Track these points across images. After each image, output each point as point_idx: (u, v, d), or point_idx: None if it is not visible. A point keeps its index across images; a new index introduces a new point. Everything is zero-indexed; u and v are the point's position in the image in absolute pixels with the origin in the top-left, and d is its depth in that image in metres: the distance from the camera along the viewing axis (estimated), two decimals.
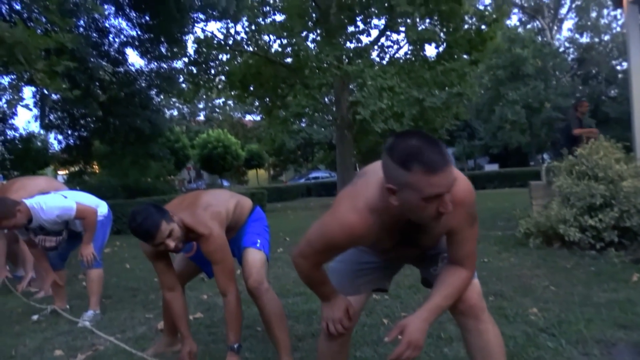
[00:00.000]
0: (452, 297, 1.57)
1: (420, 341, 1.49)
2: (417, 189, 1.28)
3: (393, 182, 1.33)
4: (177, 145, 25.10)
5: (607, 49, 36.21)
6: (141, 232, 2.14)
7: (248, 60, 17.41)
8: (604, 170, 4.63)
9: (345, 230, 1.46)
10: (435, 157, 1.26)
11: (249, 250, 2.50)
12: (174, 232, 2.19)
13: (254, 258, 2.47)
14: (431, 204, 1.30)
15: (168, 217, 2.19)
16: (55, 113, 12.29)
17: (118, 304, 4.20)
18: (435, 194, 1.28)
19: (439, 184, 1.27)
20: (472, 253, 1.58)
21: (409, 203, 1.32)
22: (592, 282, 3.67)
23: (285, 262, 5.81)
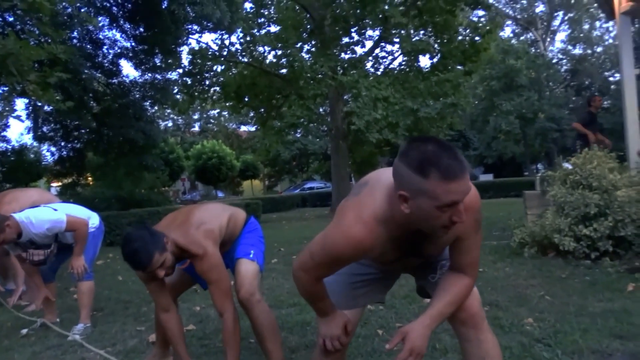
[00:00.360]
0: (454, 304, 1.53)
1: (423, 348, 1.46)
2: (433, 197, 1.24)
3: (406, 189, 1.27)
4: (172, 157, 25.04)
5: (600, 61, 36.57)
6: (133, 262, 2.13)
7: (243, 71, 17.47)
8: (598, 180, 4.63)
9: (351, 243, 1.40)
10: (453, 163, 1.23)
11: (241, 261, 2.46)
12: (166, 261, 2.17)
13: (246, 269, 2.44)
14: (445, 212, 1.26)
15: (162, 247, 2.15)
16: (48, 125, 12.23)
17: (109, 316, 4.14)
18: (451, 201, 1.24)
19: (456, 191, 1.23)
20: (475, 261, 1.56)
21: (422, 211, 1.28)
22: (588, 292, 3.65)
23: (280, 272, 5.76)
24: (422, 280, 1.78)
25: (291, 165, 35.38)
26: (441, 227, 1.31)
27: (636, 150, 6.25)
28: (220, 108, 20.73)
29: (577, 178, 4.80)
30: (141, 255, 2.09)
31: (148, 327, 3.63)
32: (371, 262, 1.75)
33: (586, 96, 36.17)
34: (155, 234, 2.18)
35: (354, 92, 14.31)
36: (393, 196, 1.35)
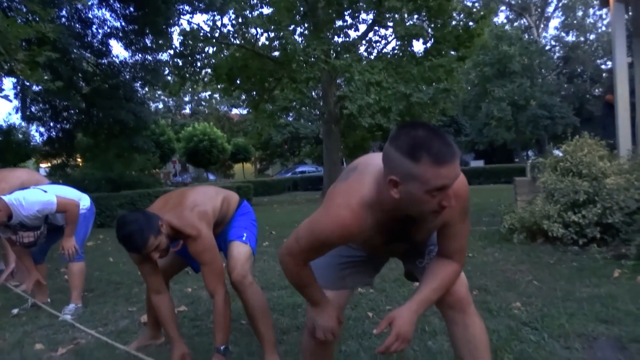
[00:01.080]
0: (441, 290, 1.56)
1: (409, 333, 1.48)
2: (424, 181, 1.24)
3: (397, 174, 1.28)
4: (163, 139, 24.84)
5: (593, 48, 36.65)
6: (128, 245, 2.15)
7: (235, 54, 17.29)
8: (588, 167, 4.68)
9: (337, 227, 1.41)
10: (443, 148, 1.24)
11: (234, 244, 2.47)
12: (160, 244, 2.18)
13: (239, 251, 2.45)
14: (435, 197, 1.27)
15: (157, 230, 2.16)
16: (36, 105, 12.06)
17: (100, 297, 4.15)
18: (441, 186, 1.25)
19: (447, 175, 1.24)
20: (462, 247, 1.58)
21: (412, 196, 1.28)
22: (575, 278, 3.71)
23: (271, 255, 5.78)
24: (410, 264, 1.80)
25: (283, 149, 35.29)
26: (431, 212, 1.33)
27: None
28: (211, 90, 20.55)
29: (567, 165, 4.84)
30: (136, 238, 2.10)
31: (139, 308, 3.65)
32: (358, 245, 1.76)
33: (578, 83, 36.42)
34: (150, 217, 2.18)
35: (346, 76, 14.24)
36: (382, 181, 1.35)
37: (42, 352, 2.89)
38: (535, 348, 2.31)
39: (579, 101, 33.41)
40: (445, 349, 2.42)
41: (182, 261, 2.71)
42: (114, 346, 2.86)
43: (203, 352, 2.66)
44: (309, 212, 6.79)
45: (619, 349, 2.26)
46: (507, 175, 21.82)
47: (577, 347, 2.29)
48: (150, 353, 2.69)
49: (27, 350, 2.95)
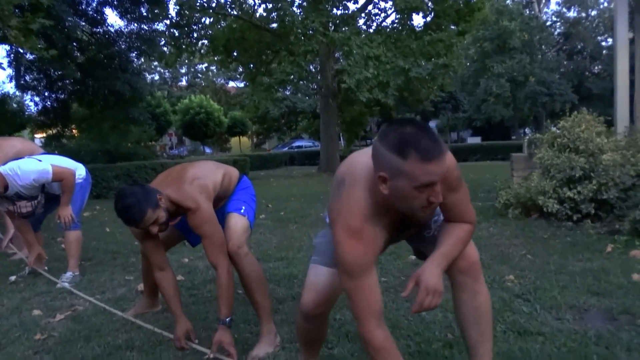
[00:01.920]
0: (458, 246, 1.55)
1: (439, 285, 1.45)
2: (412, 177, 1.28)
3: (386, 170, 1.32)
4: (159, 111, 24.63)
5: (594, 25, 36.25)
6: (126, 218, 2.13)
7: (232, 25, 17.05)
8: (585, 143, 4.68)
9: (358, 255, 1.42)
10: (431, 145, 1.27)
11: (232, 215, 2.47)
12: (159, 218, 2.16)
13: (235, 222, 2.44)
14: (423, 193, 1.31)
15: (155, 203, 2.14)
16: (31, 74, 11.88)
17: (98, 266, 4.18)
18: (428, 182, 1.29)
19: (434, 172, 1.28)
20: (467, 209, 1.58)
21: (401, 192, 1.32)
22: (568, 252, 3.75)
23: (267, 228, 5.82)
24: (417, 240, 1.79)
25: (280, 123, 35.10)
26: (419, 207, 1.36)
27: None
28: (208, 62, 20.28)
29: (564, 141, 4.84)
30: (134, 211, 2.09)
31: (136, 276, 3.68)
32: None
33: (577, 60, 36.13)
34: (149, 190, 2.18)
35: (345, 49, 14.08)
36: (373, 183, 1.39)
37: (40, 318, 2.92)
38: (527, 319, 2.34)
39: (578, 78, 33.23)
40: (439, 319, 2.46)
41: (179, 235, 2.69)
42: (111, 312, 2.90)
43: (200, 320, 2.70)
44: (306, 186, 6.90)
45: (609, 320, 2.30)
46: (504, 152, 21.84)
47: (569, 318, 2.33)
48: (147, 320, 2.73)
49: (25, 315, 2.98)
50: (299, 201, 8.57)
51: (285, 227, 5.81)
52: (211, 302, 3.03)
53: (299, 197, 9.12)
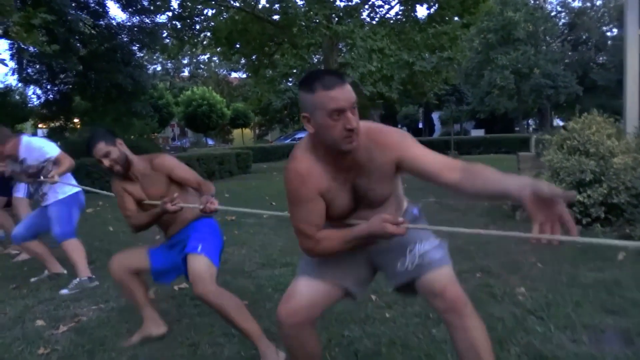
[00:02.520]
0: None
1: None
2: (322, 106, 1.46)
3: (306, 110, 1.52)
4: (161, 102, 24.52)
5: (599, 15, 35.87)
6: (86, 145, 2.58)
7: (234, 16, 16.88)
8: (596, 146, 4.60)
9: (293, 174, 1.59)
10: (332, 77, 1.48)
11: (190, 257, 2.39)
12: (110, 153, 2.50)
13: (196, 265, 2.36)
14: (337, 121, 1.45)
15: (111, 142, 2.53)
16: (33, 66, 11.82)
17: (101, 270, 4.10)
18: (336, 107, 1.44)
19: (338, 97, 1.45)
20: (446, 159, 1.53)
21: (320, 125, 1.49)
22: (579, 260, 3.69)
23: (272, 228, 5.76)
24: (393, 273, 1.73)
25: (282, 115, 34.94)
26: (341, 137, 1.48)
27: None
28: (210, 53, 20.15)
29: (574, 144, 4.75)
30: (92, 140, 2.55)
31: None
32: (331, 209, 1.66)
33: (582, 51, 35.82)
34: (111, 132, 2.65)
35: (349, 42, 13.94)
36: (307, 138, 1.60)
37: (43, 329, 2.88)
38: (542, 341, 2.28)
39: (583, 69, 32.93)
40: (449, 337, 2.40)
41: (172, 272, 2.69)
42: (115, 324, 2.85)
43: (206, 335, 2.65)
44: None
45: (626, 343, 2.24)
46: (507, 145, 21.74)
47: (585, 341, 2.27)
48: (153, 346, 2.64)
49: (28, 326, 2.94)
50: None
51: (289, 228, 5.67)
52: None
53: None
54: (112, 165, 2.51)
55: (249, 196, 8.90)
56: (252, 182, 12.01)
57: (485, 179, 1.41)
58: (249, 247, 4.83)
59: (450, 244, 1.77)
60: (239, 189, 10.03)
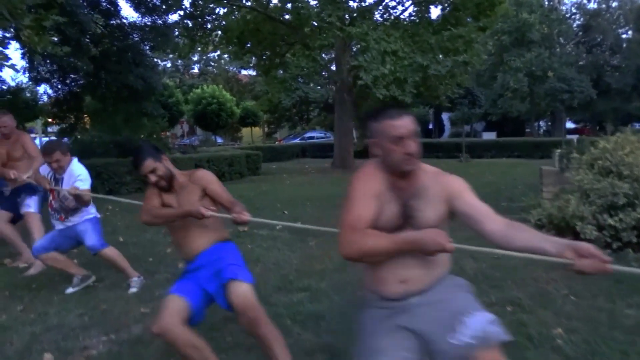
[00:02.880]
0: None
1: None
2: (385, 133, 1.72)
3: (372, 137, 1.79)
4: (171, 101, 24.40)
5: (614, 17, 35.34)
6: (134, 159, 2.62)
7: (246, 16, 16.72)
8: (630, 168, 4.38)
9: (361, 173, 1.84)
10: (396, 110, 1.76)
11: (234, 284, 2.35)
12: (157, 169, 2.56)
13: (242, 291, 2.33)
14: (398, 146, 1.70)
15: (158, 158, 2.59)
16: (44, 65, 11.69)
17: (111, 291, 3.97)
18: (399, 134, 1.70)
19: (401, 126, 1.71)
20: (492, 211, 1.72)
21: (384, 149, 1.74)
22: (614, 293, 3.49)
23: (285, 243, 5.59)
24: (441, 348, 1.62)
25: (291, 113, 34.78)
26: (401, 159, 1.71)
27: None
28: (221, 52, 20.00)
29: (606, 164, 4.54)
30: (139, 155, 2.58)
31: (153, 309, 3.46)
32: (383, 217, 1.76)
33: (597, 53, 35.30)
34: (157, 148, 2.69)
35: (362, 45, 13.72)
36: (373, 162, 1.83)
37: None
38: None
39: (597, 72, 32.45)
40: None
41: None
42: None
43: None
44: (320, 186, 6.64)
45: None
46: (520, 149, 21.43)
47: None
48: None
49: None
50: (314, 206, 8.33)
51: (304, 242, 5.58)
52: (233, 350, 2.81)
53: (315, 201, 8.88)
54: (157, 181, 2.58)
55: (261, 202, 8.73)
56: (263, 185, 11.84)
57: (525, 239, 1.61)
58: (262, 264, 4.66)
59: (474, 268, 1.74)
60: (250, 193, 9.86)
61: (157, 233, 6.31)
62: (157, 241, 5.82)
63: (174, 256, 5.03)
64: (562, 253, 1.46)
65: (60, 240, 3.95)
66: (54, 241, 3.93)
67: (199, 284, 2.43)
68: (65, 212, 3.87)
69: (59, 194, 3.86)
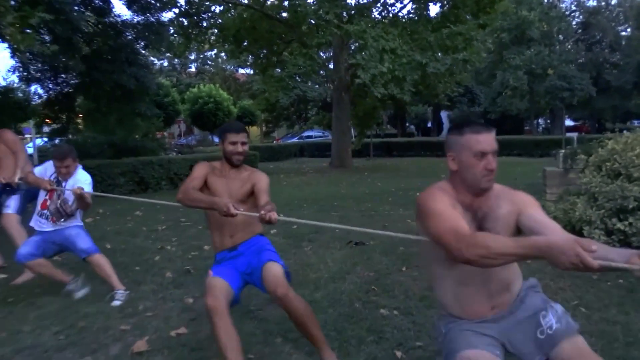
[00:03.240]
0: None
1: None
2: (468, 147, 1.68)
3: (452, 150, 1.75)
4: (167, 100, 24.15)
5: (614, 14, 35.15)
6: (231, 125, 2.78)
7: (243, 14, 16.49)
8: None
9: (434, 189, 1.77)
10: (480, 124, 1.74)
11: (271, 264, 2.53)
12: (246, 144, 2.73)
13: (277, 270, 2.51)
14: (480, 161, 1.67)
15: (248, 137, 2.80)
16: (35, 65, 11.43)
17: (92, 304, 3.71)
18: (482, 150, 1.67)
19: (485, 141, 1.68)
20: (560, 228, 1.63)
21: (464, 163, 1.70)
22: (627, 303, 3.28)
23: (279, 248, 5.23)
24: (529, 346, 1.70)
25: (289, 112, 34.52)
26: (481, 175, 1.68)
27: None
28: (218, 50, 19.76)
29: (615, 166, 4.31)
30: (239, 125, 2.79)
31: (134, 326, 3.24)
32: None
33: (596, 51, 35.10)
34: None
35: (360, 42, 13.49)
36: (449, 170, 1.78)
37: None
38: None
39: (596, 69, 32.27)
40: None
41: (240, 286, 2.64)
42: None
43: None
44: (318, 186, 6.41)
45: None
46: (520, 148, 21.27)
47: None
48: None
49: None
50: (311, 208, 8.11)
51: (299, 248, 5.36)
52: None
53: (312, 203, 8.66)
54: (241, 153, 2.68)
55: None
56: None
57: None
58: None
59: None
60: None
61: (147, 239, 6.09)
62: (146, 247, 5.59)
63: (162, 264, 4.81)
64: (629, 260, 1.36)
65: (45, 246, 3.81)
66: (39, 247, 3.78)
67: (237, 269, 2.59)
68: (59, 215, 3.78)
69: (59, 196, 3.79)
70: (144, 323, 3.29)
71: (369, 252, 5.01)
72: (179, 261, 4.90)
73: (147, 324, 3.27)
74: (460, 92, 18.23)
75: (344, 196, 9.57)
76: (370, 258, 4.78)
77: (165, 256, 5.12)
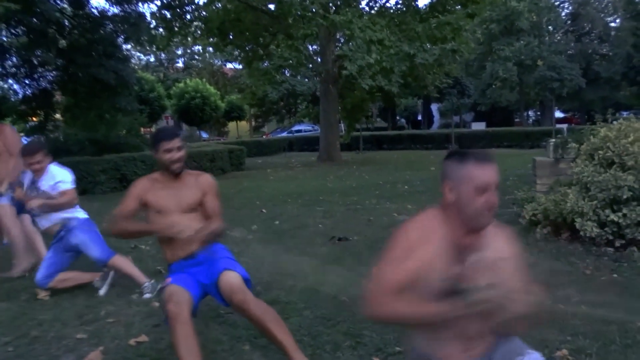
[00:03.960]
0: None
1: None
2: (470, 179, 1.50)
3: (450, 179, 1.55)
4: (152, 95, 23.72)
5: (603, 5, 35.09)
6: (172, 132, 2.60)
7: (227, 6, 16.14)
8: (635, 158, 3.94)
9: (418, 225, 1.58)
10: (484, 154, 1.56)
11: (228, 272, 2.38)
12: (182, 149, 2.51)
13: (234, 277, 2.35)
14: (481, 196, 1.48)
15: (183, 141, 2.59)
16: (9, 60, 11.04)
17: (50, 310, 3.42)
18: (485, 183, 1.48)
19: (488, 174, 1.50)
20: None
21: (463, 196, 1.51)
22: (624, 299, 3.06)
23: (259, 244, 5.16)
24: None
25: (279, 106, 34.22)
26: (480, 212, 1.49)
27: None
28: (203, 45, 19.40)
29: (608, 154, 4.10)
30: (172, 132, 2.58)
31: (92, 333, 2.97)
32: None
33: (585, 42, 35.04)
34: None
35: (346, 33, 13.22)
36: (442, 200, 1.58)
37: None
38: None
39: (586, 60, 32.21)
40: None
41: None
42: None
43: None
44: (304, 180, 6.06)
45: None
46: (509, 140, 21.12)
47: None
48: None
49: None
50: (296, 203, 7.86)
51: (279, 245, 5.12)
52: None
53: (296, 198, 8.41)
54: (179, 159, 2.48)
55: (240, 201, 8.23)
56: (244, 182, 11.34)
57: None
58: None
59: None
60: (230, 191, 9.32)
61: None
62: (119, 247, 5.21)
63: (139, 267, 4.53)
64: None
65: (58, 259, 3.73)
66: (53, 265, 3.69)
67: (196, 279, 2.43)
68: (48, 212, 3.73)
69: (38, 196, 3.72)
70: (102, 331, 3.03)
71: (352, 249, 4.79)
72: (150, 261, 4.63)
73: (106, 332, 3.01)
74: (449, 84, 17.95)
75: (330, 190, 9.34)
76: (353, 255, 4.54)
77: (136, 256, 4.84)
